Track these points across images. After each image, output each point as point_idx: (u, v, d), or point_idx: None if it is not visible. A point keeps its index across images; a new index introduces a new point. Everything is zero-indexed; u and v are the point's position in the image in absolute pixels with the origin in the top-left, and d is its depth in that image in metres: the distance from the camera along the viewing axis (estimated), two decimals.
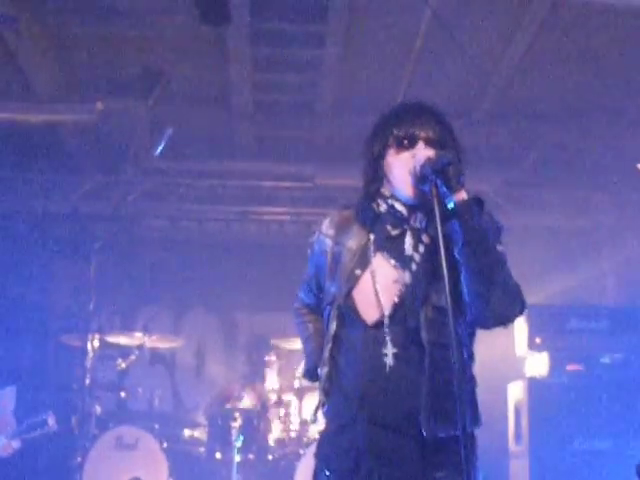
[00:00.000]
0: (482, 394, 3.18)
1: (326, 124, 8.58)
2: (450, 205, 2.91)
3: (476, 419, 3.11)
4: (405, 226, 3.13)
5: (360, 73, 7.72)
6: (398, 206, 3.13)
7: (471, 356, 3.15)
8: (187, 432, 8.15)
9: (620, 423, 7.56)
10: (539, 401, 7.73)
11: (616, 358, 7.86)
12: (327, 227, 3.29)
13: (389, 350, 3.03)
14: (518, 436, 7.96)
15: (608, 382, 7.72)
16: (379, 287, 3.08)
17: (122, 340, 8.21)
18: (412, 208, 3.12)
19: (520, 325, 8.00)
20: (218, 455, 7.80)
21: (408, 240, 3.12)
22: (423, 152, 3.03)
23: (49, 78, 7.65)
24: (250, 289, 9.95)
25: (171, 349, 9.40)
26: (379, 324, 3.05)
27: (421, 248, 3.11)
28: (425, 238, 3.11)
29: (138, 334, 8.16)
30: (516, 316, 3.07)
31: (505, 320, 3.06)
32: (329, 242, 3.24)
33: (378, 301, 3.07)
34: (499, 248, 3.06)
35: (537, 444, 7.63)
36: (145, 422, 7.82)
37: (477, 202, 2.96)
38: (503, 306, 3.00)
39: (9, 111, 7.78)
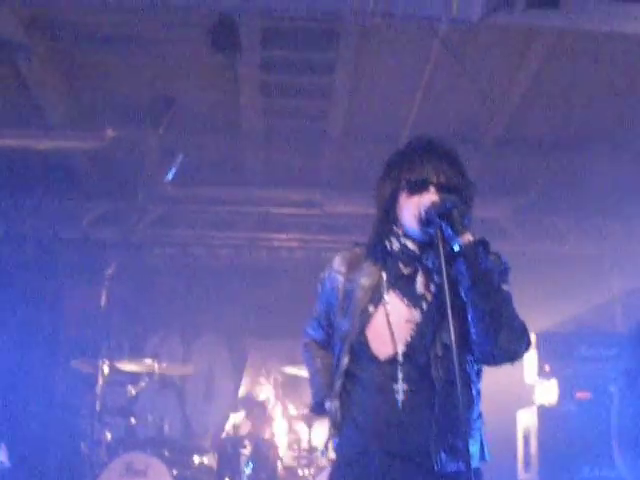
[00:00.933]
0: (492, 422, 3.21)
1: (335, 151, 8.62)
2: (456, 247, 2.97)
3: (483, 455, 3.14)
4: (417, 265, 3.16)
5: (370, 100, 7.76)
6: (410, 245, 3.16)
7: (479, 393, 3.17)
8: (197, 459, 8.10)
9: None
10: (548, 428, 7.70)
11: None
12: (339, 264, 3.31)
13: (401, 386, 3.06)
14: (527, 464, 7.93)
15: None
16: (393, 325, 3.10)
17: (132, 367, 8.21)
18: (424, 247, 3.15)
19: (529, 353, 7.98)
20: None
21: (420, 279, 3.16)
22: (427, 197, 3.07)
23: (60, 106, 7.71)
24: (260, 315, 9.96)
25: (181, 375, 9.39)
26: (392, 361, 3.08)
27: (432, 287, 3.14)
28: (437, 278, 3.13)
29: (148, 361, 8.15)
30: (523, 354, 3.12)
31: (512, 358, 3.11)
32: (341, 279, 3.26)
33: (392, 338, 3.10)
34: (505, 288, 3.10)
35: (546, 472, 7.60)
36: (155, 449, 7.79)
37: (482, 244, 3.01)
38: (510, 345, 3.04)
39: (21, 138, 7.84)
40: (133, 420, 7.96)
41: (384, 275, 3.18)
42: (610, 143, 8.18)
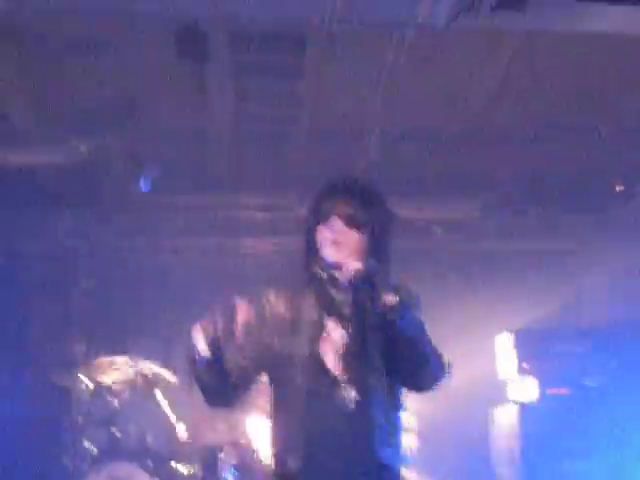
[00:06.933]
0: (463, 418, 3.40)
1: (302, 154, 8.62)
2: (381, 309, 3.20)
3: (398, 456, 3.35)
4: (345, 286, 3.34)
5: (336, 104, 7.77)
6: (337, 274, 3.36)
7: (399, 406, 3.38)
8: (180, 468, 8.07)
9: (606, 444, 7.65)
10: (529, 425, 7.82)
11: (599, 380, 7.96)
12: (276, 298, 3.49)
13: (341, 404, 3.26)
14: (508, 460, 8.00)
15: (593, 404, 7.82)
16: (332, 349, 3.31)
17: (114, 376, 8.15)
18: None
19: (504, 349, 8.06)
20: None
21: (347, 300, 3.33)
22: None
23: (25, 112, 7.63)
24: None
25: (163, 385, 9.31)
26: (335, 383, 3.27)
27: (356, 309, 3.32)
28: (362, 299, 3.31)
29: (130, 371, 8.13)
30: (437, 385, 3.40)
31: (435, 387, 3.40)
32: (282, 308, 3.45)
33: (334, 362, 3.30)
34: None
35: (527, 468, 7.71)
36: (138, 459, 7.77)
37: (407, 301, 3.22)
38: (435, 377, 3.37)
39: None
40: (115, 430, 7.92)
41: (319, 302, 3.39)
42: (578, 139, 8.26)
